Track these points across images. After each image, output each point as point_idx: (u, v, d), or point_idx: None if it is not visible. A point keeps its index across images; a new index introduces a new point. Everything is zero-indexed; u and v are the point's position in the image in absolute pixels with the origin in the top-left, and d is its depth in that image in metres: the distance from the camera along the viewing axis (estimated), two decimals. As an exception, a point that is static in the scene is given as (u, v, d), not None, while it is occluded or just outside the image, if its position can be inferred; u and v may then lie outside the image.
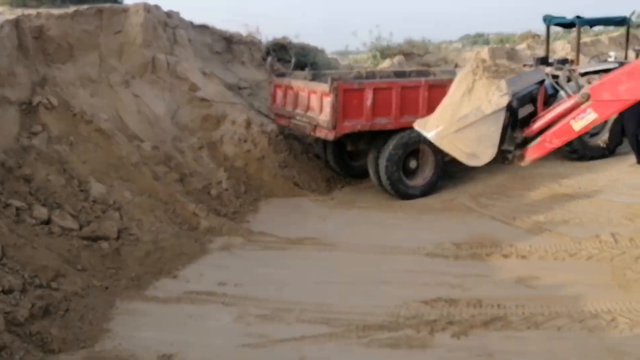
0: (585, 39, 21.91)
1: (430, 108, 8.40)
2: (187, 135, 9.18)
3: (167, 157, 8.30)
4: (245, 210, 8.18)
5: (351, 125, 8.10)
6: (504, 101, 6.93)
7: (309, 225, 7.68)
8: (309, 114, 8.47)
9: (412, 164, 8.67)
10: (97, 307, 5.16)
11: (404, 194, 8.56)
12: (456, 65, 13.47)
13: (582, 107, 8.82)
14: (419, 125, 8.19)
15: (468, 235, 6.95)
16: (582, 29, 11.62)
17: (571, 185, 8.50)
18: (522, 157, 9.23)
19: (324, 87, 8.06)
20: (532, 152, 9.17)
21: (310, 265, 6.34)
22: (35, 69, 7.78)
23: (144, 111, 8.75)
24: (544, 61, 11.15)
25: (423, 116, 8.36)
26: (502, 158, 9.21)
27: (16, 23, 7.62)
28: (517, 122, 9.20)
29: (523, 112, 9.36)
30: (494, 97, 6.95)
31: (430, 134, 7.61)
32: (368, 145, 8.70)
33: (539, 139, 9.14)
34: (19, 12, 8.16)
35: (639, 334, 4.59)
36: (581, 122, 8.75)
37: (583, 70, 10.45)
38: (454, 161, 9.81)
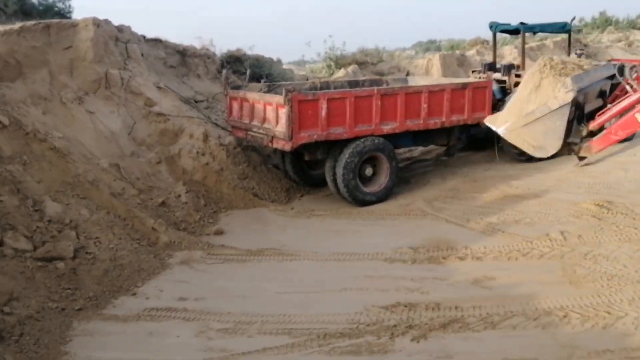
0: (531, 43, 22.70)
1: (384, 116, 8.61)
2: (145, 150, 9.11)
3: (125, 173, 8.21)
4: (205, 223, 8.15)
5: (307, 135, 8.19)
6: (569, 97, 7.17)
7: (270, 235, 7.72)
8: (266, 125, 8.53)
9: (368, 171, 8.82)
10: (54, 329, 5.07)
11: (361, 201, 8.70)
12: (408, 73, 13.74)
13: None
14: (489, 121, 8.39)
15: (425, 239, 7.10)
16: (526, 35, 11.99)
17: (521, 186, 8.77)
18: (587, 148, 9.51)
19: (279, 98, 8.14)
20: (598, 143, 9.51)
21: (271, 276, 6.37)
22: (-17, 88, 7.62)
23: (99, 128, 8.64)
24: (491, 67, 11.45)
25: (376, 124, 8.58)
26: (567, 150, 9.42)
27: (-40, 41, 7.46)
28: (583, 116, 9.44)
29: (590, 106, 9.60)
30: (560, 94, 7.21)
31: (500, 129, 7.82)
32: (325, 155, 8.80)
33: (604, 131, 9.49)
34: (-37, 30, 7.99)
35: (590, 328, 4.79)
36: None
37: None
38: (407, 167, 10.05)
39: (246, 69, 12.40)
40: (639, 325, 4.74)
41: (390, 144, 8.86)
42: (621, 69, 9.92)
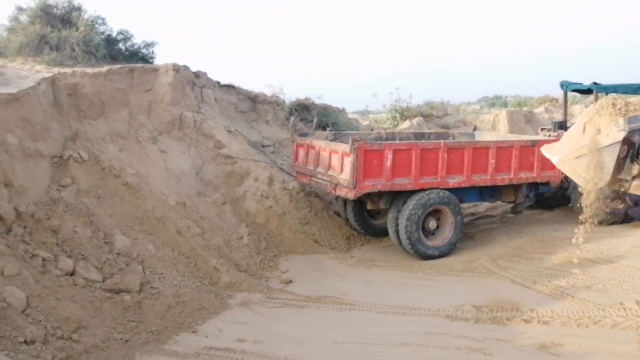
0: (603, 103, 22.04)
1: (450, 170, 8.54)
2: (211, 190, 9.37)
3: (191, 212, 8.44)
4: (266, 266, 8.22)
5: (371, 184, 8.21)
6: (620, 136, 7.20)
7: (328, 283, 7.68)
8: (330, 172, 8.62)
9: (432, 224, 8.71)
10: (117, 360, 5.18)
11: (424, 254, 8.56)
12: (475, 128, 13.63)
13: None
14: (546, 150, 8.48)
15: (488, 298, 6.87)
16: (599, 95, 11.70)
17: (592, 250, 8.40)
18: (638, 186, 9.17)
19: (345, 147, 8.24)
20: None
21: (329, 324, 6.31)
22: (68, 124, 8.11)
23: (170, 166, 8.97)
24: (562, 125, 11.21)
25: (442, 177, 8.51)
26: (618, 185, 9.20)
27: (52, 81, 8.01)
28: (638, 155, 9.26)
29: None
30: (612, 132, 7.25)
31: (554, 158, 7.87)
32: (388, 205, 8.76)
33: None
34: (55, 70, 8.56)
35: (665, 407, 4.48)
36: None
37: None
38: (472, 222, 9.79)
39: (313, 117, 12.68)
40: None
41: (456, 198, 8.75)
42: None
